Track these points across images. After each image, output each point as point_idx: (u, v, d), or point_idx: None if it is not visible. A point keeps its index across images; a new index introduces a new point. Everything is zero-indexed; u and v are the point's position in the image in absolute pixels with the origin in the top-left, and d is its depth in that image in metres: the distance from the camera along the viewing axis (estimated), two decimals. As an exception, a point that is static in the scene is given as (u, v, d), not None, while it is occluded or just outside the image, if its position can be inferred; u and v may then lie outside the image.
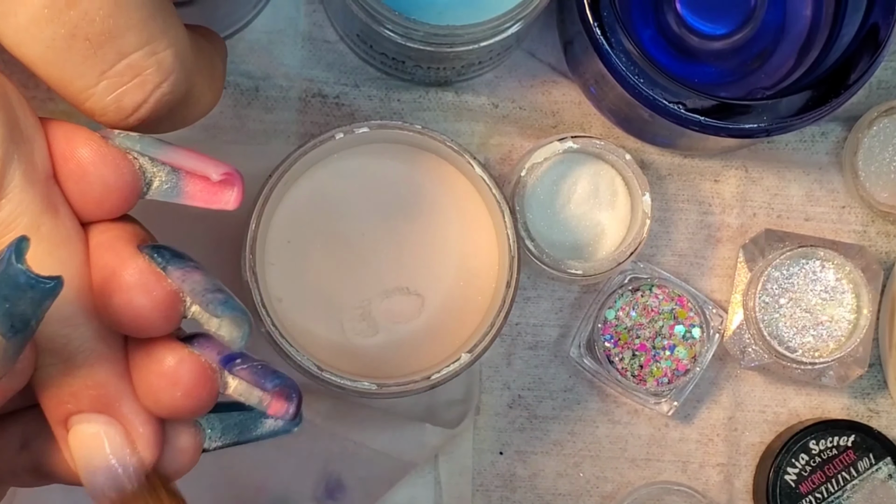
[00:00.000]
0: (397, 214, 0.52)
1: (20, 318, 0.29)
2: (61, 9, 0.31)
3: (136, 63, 0.32)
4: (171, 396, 0.33)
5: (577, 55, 0.55)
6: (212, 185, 0.34)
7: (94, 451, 0.33)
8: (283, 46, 0.56)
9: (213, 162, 0.34)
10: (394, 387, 0.49)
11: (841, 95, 0.49)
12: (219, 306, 0.32)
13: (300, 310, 0.52)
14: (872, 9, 0.49)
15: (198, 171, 0.34)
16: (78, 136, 0.33)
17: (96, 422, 0.33)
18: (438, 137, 0.50)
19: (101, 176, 0.33)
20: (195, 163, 0.35)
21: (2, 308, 0.29)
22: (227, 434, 0.37)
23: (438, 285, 0.52)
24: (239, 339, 0.32)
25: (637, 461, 0.58)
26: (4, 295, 0.29)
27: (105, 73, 0.32)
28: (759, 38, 0.54)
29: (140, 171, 0.34)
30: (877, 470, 0.56)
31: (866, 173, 0.57)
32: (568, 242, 0.55)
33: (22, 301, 0.29)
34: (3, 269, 0.29)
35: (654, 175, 0.57)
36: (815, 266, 0.56)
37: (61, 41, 0.31)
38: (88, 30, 0.31)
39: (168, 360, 0.33)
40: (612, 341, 0.55)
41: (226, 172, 0.34)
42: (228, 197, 0.34)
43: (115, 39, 0.32)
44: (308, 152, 0.50)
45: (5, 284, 0.29)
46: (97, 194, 0.33)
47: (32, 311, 0.29)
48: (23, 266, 0.29)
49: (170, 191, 0.34)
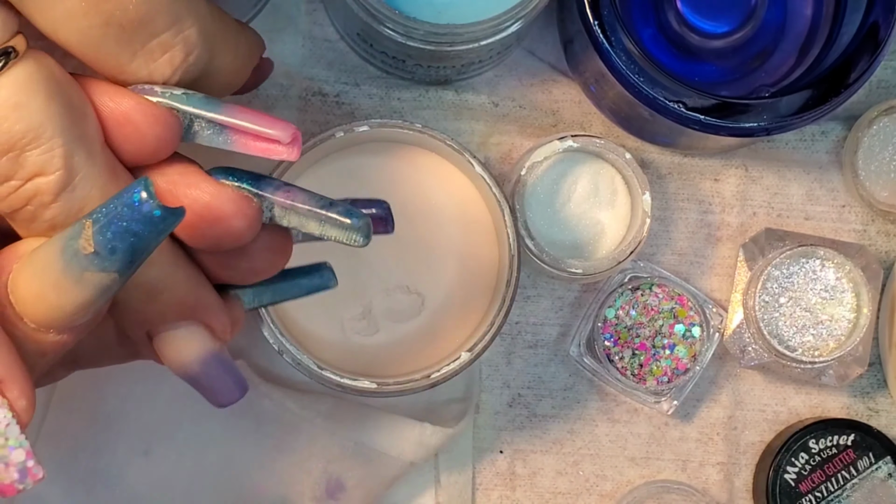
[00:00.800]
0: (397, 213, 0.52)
1: (140, 252, 0.32)
2: (97, 2, 0.33)
3: (165, 42, 0.35)
4: None
5: (578, 54, 0.55)
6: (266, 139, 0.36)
7: (187, 351, 0.37)
8: (284, 45, 0.56)
9: (272, 120, 0.36)
10: (394, 386, 0.49)
11: (841, 94, 0.49)
12: (345, 216, 0.36)
13: (300, 309, 0.52)
14: (872, 8, 0.49)
15: (258, 131, 0.36)
16: (118, 95, 0.35)
17: (184, 328, 0.37)
18: (438, 136, 0.50)
19: (150, 129, 0.35)
20: (253, 122, 0.36)
21: (128, 244, 0.31)
22: (261, 296, 0.41)
23: (438, 284, 0.52)
24: (366, 233, 0.37)
25: (637, 460, 0.58)
26: (134, 231, 0.31)
27: (137, 52, 0.34)
28: (760, 37, 0.54)
29: (182, 118, 0.36)
30: (876, 469, 0.56)
31: (866, 172, 0.57)
32: (568, 241, 0.55)
33: (149, 234, 0.31)
34: (137, 207, 0.31)
35: (654, 174, 0.57)
36: (814, 265, 0.56)
37: (97, 29, 0.33)
38: (122, 18, 0.33)
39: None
40: (612, 340, 0.55)
41: (293, 133, 0.36)
42: (290, 151, 0.36)
43: (147, 24, 0.34)
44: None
45: (138, 221, 0.31)
46: (150, 147, 0.35)
47: (153, 243, 0.32)
48: (156, 201, 0.31)
49: (216, 138, 0.36)
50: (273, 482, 0.54)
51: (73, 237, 0.32)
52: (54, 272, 0.32)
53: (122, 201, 0.31)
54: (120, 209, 0.31)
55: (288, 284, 0.41)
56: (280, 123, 0.36)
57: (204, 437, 0.54)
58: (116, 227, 0.31)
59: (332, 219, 0.37)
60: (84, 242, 0.31)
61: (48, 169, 0.33)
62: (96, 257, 0.31)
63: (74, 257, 0.32)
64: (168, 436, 0.54)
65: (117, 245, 0.31)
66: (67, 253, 0.32)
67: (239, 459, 0.54)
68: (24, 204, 0.33)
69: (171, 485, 0.54)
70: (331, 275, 0.42)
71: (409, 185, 0.52)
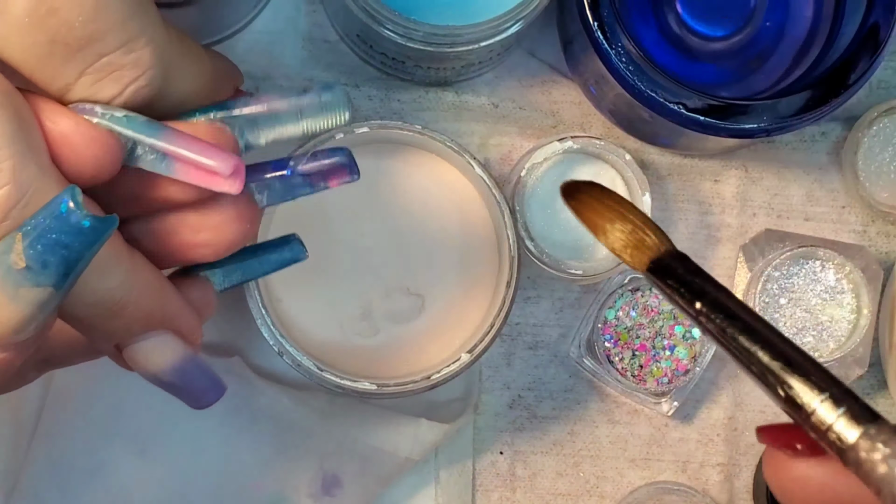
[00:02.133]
0: (397, 214, 0.52)
1: (73, 265, 0.31)
2: (42, 17, 0.32)
3: (114, 61, 0.33)
4: None
5: (577, 55, 0.55)
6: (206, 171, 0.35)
7: (158, 360, 0.36)
8: (284, 47, 0.56)
9: (214, 151, 0.35)
10: (393, 387, 0.49)
11: (841, 95, 0.49)
12: (323, 93, 0.36)
13: (300, 310, 0.52)
14: (872, 8, 0.49)
15: (196, 161, 0.34)
16: (57, 114, 0.34)
17: (153, 338, 0.36)
18: (438, 137, 0.50)
19: (88, 151, 0.34)
20: (192, 151, 0.35)
21: (60, 257, 0.30)
22: (231, 276, 0.40)
23: (438, 285, 0.52)
24: (346, 103, 0.36)
25: (637, 461, 0.58)
26: (64, 243, 0.30)
27: (84, 71, 0.33)
28: (760, 39, 0.54)
29: (125, 141, 0.34)
30: (877, 470, 0.56)
31: (866, 173, 0.57)
32: (568, 242, 0.55)
33: (80, 246, 0.30)
34: (65, 218, 0.30)
35: (654, 175, 0.57)
36: (815, 266, 0.56)
37: (42, 47, 0.32)
38: (68, 35, 0.32)
39: None
40: (612, 341, 0.55)
41: (235, 165, 0.34)
42: (229, 184, 0.35)
43: (95, 42, 0.33)
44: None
45: (66, 232, 0.30)
46: (88, 169, 0.34)
47: (87, 255, 0.31)
48: (84, 211, 0.30)
49: (159, 165, 0.35)
50: (269, 479, 0.55)
51: (5, 252, 0.30)
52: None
53: (49, 212, 0.30)
54: (48, 221, 0.30)
55: (258, 261, 0.40)
56: (221, 154, 0.34)
57: (199, 435, 0.54)
58: (46, 239, 0.30)
59: (312, 102, 0.36)
60: (15, 257, 0.30)
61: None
62: (29, 272, 0.30)
63: (8, 273, 0.31)
64: (163, 435, 0.54)
65: (49, 259, 0.30)
66: (1, 269, 0.31)
67: (235, 457, 0.54)
68: None
69: (166, 484, 0.54)
70: (300, 247, 0.41)
71: (409, 185, 0.52)
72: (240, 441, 0.54)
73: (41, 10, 0.32)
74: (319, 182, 0.38)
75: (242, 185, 0.35)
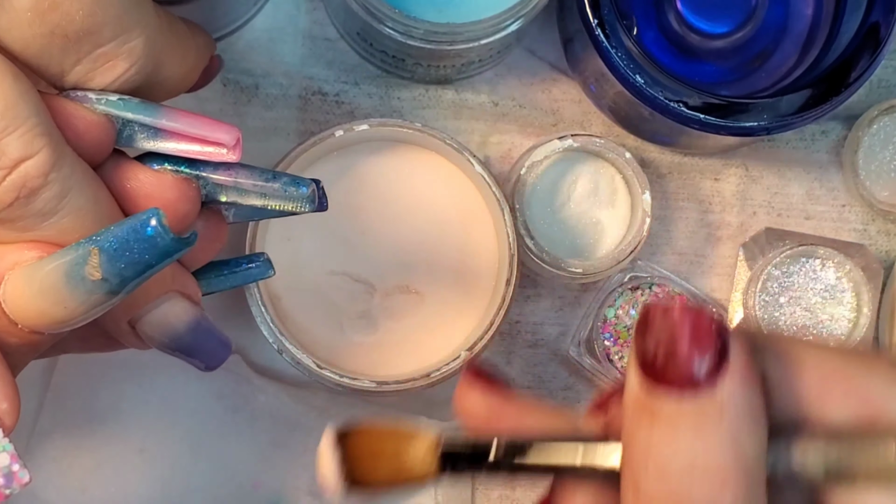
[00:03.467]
0: (397, 212, 0.52)
1: (148, 277, 0.32)
2: (44, 11, 0.33)
3: (109, 52, 0.34)
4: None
5: (578, 53, 0.55)
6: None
7: (175, 321, 0.37)
8: (284, 44, 0.56)
9: (215, 123, 0.36)
10: (393, 385, 0.49)
11: (841, 94, 0.49)
12: (291, 185, 0.36)
13: (300, 308, 0.52)
14: (873, 7, 0.49)
15: (201, 136, 0.36)
16: (55, 100, 0.35)
17: (167, 301, 0.37)
18: (438, 135, 0.50)
19: (87, 134, 0.35)
20: (195, 127, 0.36)
21: (138, 272, 0.32)
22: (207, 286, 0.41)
23: (438, 283, 0.52)
24: (312, 199, 0.37)
25: (637, 460, 0.58)
26: (148, 262, 0.31)
27: (80, 60, 0.34)
28: (760, 37, 0.53)
29: (116, 123, 0.35)
30: (877, 469, 0.56)
31: (866, 172, 0.57)
32: (568, 241, 0.55)
33: (159, 263, 0.32)
34: (151, 239, 0.31)
35: (654, 173, 0.57)
36: (815, 265, 0.56)
37: (42, 38, 0.33)
38: (68, 28, 0.33)
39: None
40: (611, 340, 0.55)
41: (237, 136, 0.36)
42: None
43: (92, 35, 0.34)
44: (308, 150, 0.50)
45: (152, 253, 0.31)
46: (87, 153, 0.35)
47: (162, 268, 0.32)
48: (173, 235, 0.31)
49: (151, 142, 0.36)
50: (269, 477, 0.55)
51: (79, 263, 0.32)
52: (59, 293, 0.32)
53: (133, 232, 0.31)
54: (131, 240, 0.31)
55: (224, 276, 0.41)
56: (223, 126, 0.36)
57: (198, 433, 0.54)
58: (129, 258, 0.31)
59: (278, 190, 0.37)
60: (91, 269, 0.31)
61: (32, 149, 0.32)
62: (105, 283, 0.32)
63: (81, 282, 0.32)
64: (162, 433, 0.54)
65: (128, 274, 0.32)
66: (74, 277, 0.32)
67: (234, 455, 0.54)
68: (15, 196, 0.32)
69: (166, 482, 0.54)
70: (268, 266, 0.42)
71: (409, 184, 0.52)
72: (239, 439, 0.54)
73: (44, 4, 0.33)
74: None
75: (241, 153, 0.36)
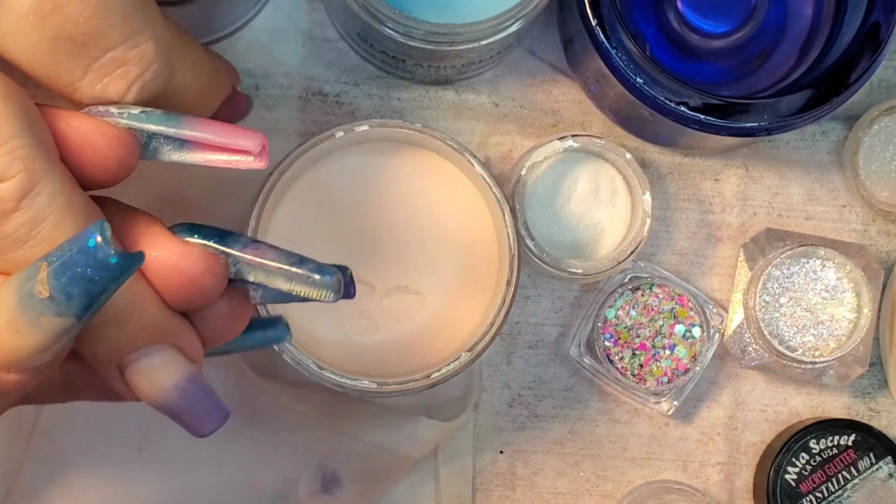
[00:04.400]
0: (397, 213, 0.52)
1: (96, 297, 0.31)
2: (46, 13, 0.32)
3: (119, 56, 0.33)
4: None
5: (578, 54, 0.55)
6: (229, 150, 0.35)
7: (163, 377, 0.35)
8: (284, 45, 0.56)
9: (240, 131, 0.35)
10: (394, 385, 0.49)
11: (841, 94, 0.49)
12: (315, 273, 0.35)
13: (300, 308, 0.52)
14: (873, 8, 0.49)
15: (227, 144, 0.35)
16: (75, 118, 0.34)
17: (157, 353, 0.35)
18: (439, 136, 0.50)
19: (111, 151, 0.34)
20: (221, 135, 0.35)
21: (84, 290, 0.30)
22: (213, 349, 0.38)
23: (438, 284, 0.52)
24: (337, 288, 0.36)
25: (637, 460, 0.58)
26: (91, 278, 0.30)
27: (90, 67, 0.33)
28: (760, 37, 0.53)
29: (140, 136, 0.35)
30: (877, 469, 0.56)
31: (867, 172, 0.57)
32: (568, 241, 0.55)
33: (105, 280, 0.30)
34: (92, 252, 0.30)
35: (654, 174, 0.57)
36: (815, 265, 0.56)
37: (47, 43, 0.32)
38: (73, 31, 0.32)
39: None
40: (612, 340, 0.55)
41: (263, 142, 0.35)
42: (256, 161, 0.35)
43: (99, 38, 0.33)
44: (308, 150, 0.50)
45: (94, 268, 0.30)
46: (111, 169, 0.34)
47: (111, 288, 0.31)
48: (113, 248, 0.30)
49: (177, 154, 0.35)
50: (268, 477, 0.55)
51: (29, 279, 0.31)
52: (11, 314, 0.31)
53: (76, 246, 0.30)
54: (75, 254, 0.30)
55: (240, 338, 0.39)
56: (248, 133, 0.35)
57: (198, 433, 0.54)
58: (72, 272, 0.30)
59: (303, 276, 0.36)
60: (39, 286, 0.30)
61: (8, 172, 0.31)
62: (52, 302, 0.31)
63: (30, 301, 0.31)
64: (162, 433, 0.54)
65: (73, 291, 0.30)
66: (23, 296, 0.31)
67: (234, 455, 0.54)
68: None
69: (166, 482, 0.54)
70: (286, 329, 0.41)
71: (409, 184, 0.52)
72: (239, 439, 0.54)
73: (46, 6, 0.32)
74: None
75: (268, 160, 0.35)
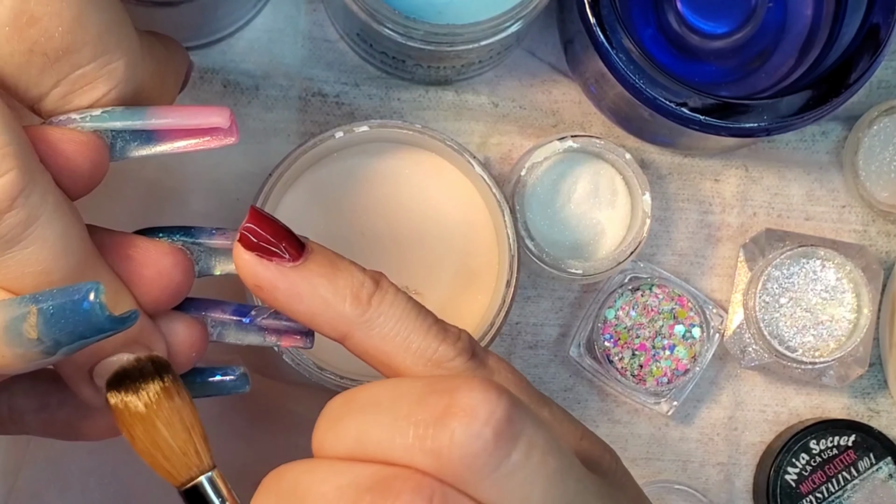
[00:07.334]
0: (397, 213, 0.52)
1: (82, 346, 0.31)
2: (22, 27, 0.32)
3: (89, 73, 0.34)
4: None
5: (578, 54, 0.55)
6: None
7: None
8: (284, 45, 0.56)
9: (206, 109, 0.35)
10: (393, 386, 0.49)
11: (841, 95, 0.49)
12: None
13: (300, 309, 0.52)
14: (873, 8, 0.49)
15: (196, 125, 0.35)
16: (40, 129, 0.34)
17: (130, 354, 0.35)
18: (438, 136, 0.50)
19: (81, 156, 0.34)
20: (187, 118, 0.35)
21: (72, 340, 0.31)
22: None
23: (438, 284, 0.52)
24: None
25: (637, 460, 0.58)
26: (81, 333, 0.31)
27: (59, 81, 0.33)
28: (760, 38, 0.53)
29: (105, 137, 0.34)
30: (877, 470, 0.56)
31: (867, 173, 0.57)
32: (568, 242, 0.55)
33: (94, 336, 0.31)
34: (87, 314, 0.30)
35: (654, 174, 0.57)
36: (815, 265, 0.56)
37: (20, 56, 0.32)
38: (47, 46, 0.32)
39: None
40: (611, 341, 0.55)
41: (230, 115, 0.35)
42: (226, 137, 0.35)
43: (72, 54, 0.33)
44: (308, 151, 0.50)
45: (86, 325, 0.31)
46: (84, 175, 0.34)
47: (99, 340, 0.32)
48: (108, 313, 0.30)
49: (147, 147, 0.35)
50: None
51: (19, 319, 0.31)
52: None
53: (71, 302, 0.31)
54: (68, 309, 0.30)
55: (195, 385, 0.39)
56: (214, 109, 0.35)
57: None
58: (63, 325, 0.31)
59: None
60: (28, 328, 0.31)
61: (0, 169, 0.31)
62: (40, 343, 0.31)
63: (18, 337, 0.31)
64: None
65: (63, 340, 0.31)
66: (11, 332, 0.31)
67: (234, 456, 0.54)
68: None
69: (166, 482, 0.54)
70: (244, 380, 0.41)
71: (409, 185, 0.52)
72: (239, 440, 0.54)
73: (22, 19, 0.32)
74: (272, 338, 0.39)
75: (238, 133, 0.35)
